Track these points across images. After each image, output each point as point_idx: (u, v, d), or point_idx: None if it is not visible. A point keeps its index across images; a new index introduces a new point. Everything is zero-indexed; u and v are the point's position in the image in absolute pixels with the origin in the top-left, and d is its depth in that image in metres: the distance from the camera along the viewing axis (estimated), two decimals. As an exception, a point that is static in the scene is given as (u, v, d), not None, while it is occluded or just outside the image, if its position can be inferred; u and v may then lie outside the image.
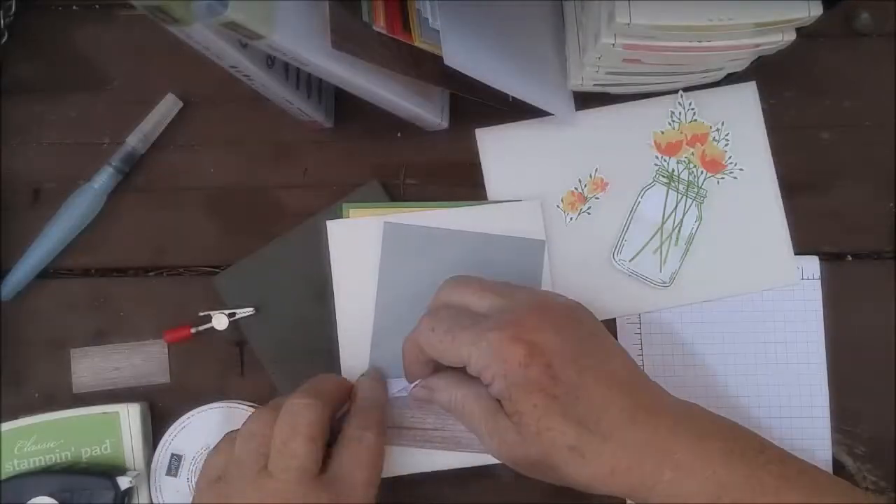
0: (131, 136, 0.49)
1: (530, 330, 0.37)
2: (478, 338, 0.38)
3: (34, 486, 0.43)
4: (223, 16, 0.31)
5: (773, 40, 0.41)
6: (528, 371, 0.36)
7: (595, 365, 0.37)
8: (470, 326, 0.38)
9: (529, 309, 0.39)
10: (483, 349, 0.37)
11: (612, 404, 0.37)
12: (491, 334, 0.37)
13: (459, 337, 0.38)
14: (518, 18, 0.48)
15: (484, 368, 0.38)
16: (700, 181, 0.50)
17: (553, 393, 0.36)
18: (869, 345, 0.49)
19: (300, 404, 0.39)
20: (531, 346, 0.36)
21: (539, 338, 0.37)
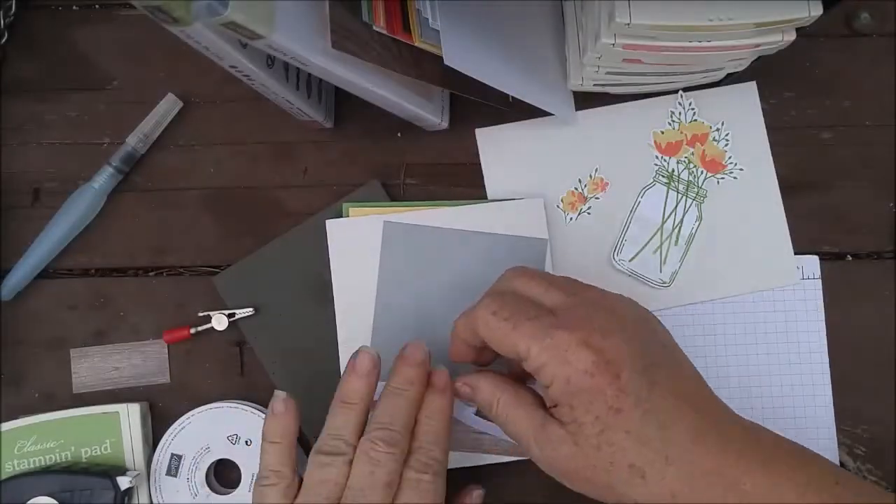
0: (131, 136, 0.49)
1: (600, 334, 0.34)
2: (542, 333, 0.35)
3: (34, 486, 0.43)
4: (223, 16, 0.31)
5: (773, 40, 0.41)
6: (594, 380, 0.34)
7: (664, 379, 0.35)
8: (535, 318, 0.36)
9: (600, 311, 0.36)
10: (546, 346, 0.35)
11: (678, 422, 0.34)
12: (557, 332, 0.35)
13: (521, 327, 0.36)
14: (518, 18, 0.48)
15: (543, 367, 0.35)
16: (700, 181, 0.50)
17: (618, 406, 0.33)
18: (869, 345, 0.49)
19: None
20: (600, 352, 0.34)
21: (608, 344, 0.34)
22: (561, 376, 0.34)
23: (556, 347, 0.34)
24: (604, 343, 0.34)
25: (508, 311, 0.37)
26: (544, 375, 0.35)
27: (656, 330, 0.37)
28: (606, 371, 0.34)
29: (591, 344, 0.34)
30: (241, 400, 0.48)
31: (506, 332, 0.36)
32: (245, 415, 0.47)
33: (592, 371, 0.34)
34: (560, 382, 0.34)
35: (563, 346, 0.34)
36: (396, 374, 0.40)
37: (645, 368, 0.34)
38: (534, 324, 0.36)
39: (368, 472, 0.37)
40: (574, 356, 0.34)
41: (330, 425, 0.39)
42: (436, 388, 0.40)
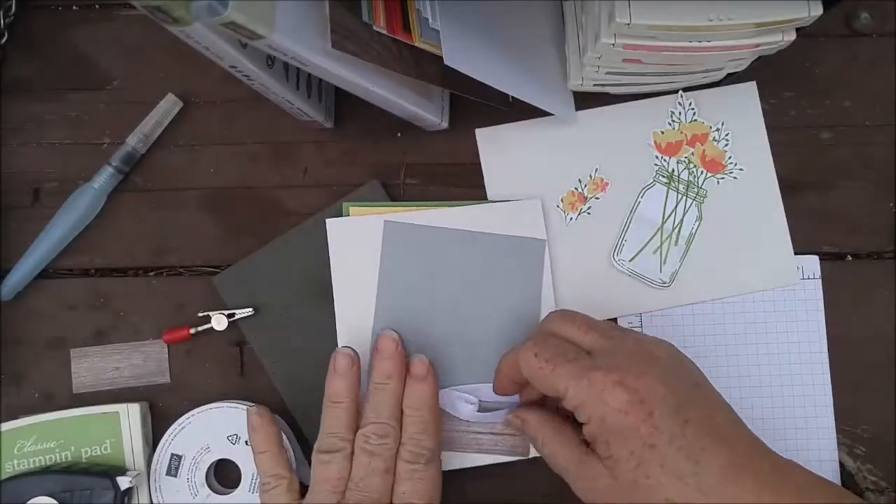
0: (131, 136, 0.49)
1: (634, 375, 0.36)
2: (580, 374, 0.37)
3: (34, 486, 0.43)
4: (223, 16, 0.31)
5: (773, 40, 0.41)
6: (627, 418, 0.35)
7: (697, 417, 0.36)
8: (574, 360, 0.38)
9: (635, 354, 0.38)
10: (583, 387, 0.37)
11: (712, 459, 0.35)
12: (594, 373, 0.37)
13: (561, 368, 0.38)
14: (518, 18, 0.48)
15: (580, 406, 0.37)
16: (700, 181, 0.50)
17: (652, 442, 0.35)
18: (869, 345, 0.49)
19: None
20: (634, 392, 0.36)
21: (643, 384, 0.36)
22: (597, 415, 0.36)
23: (593, 387, 0.36)
24: (637, 383, 0.36)
25: (549, 353, 0.39)
26: (582, 414, 0.37)
27: (690, 371, 0.39)
28: (640, 409, 0.35)
29: (625, 384, 0.36)
30: (241, 400, 0.48)
31: (546, 373, 0.38)
32: (245, 415, 0.47)
33: (626, 409, 0.35)
34: (596, 420, 0.36)
35: (599, 386, 0.36)
36: (374, 370, 0.44)
37: (678, 406, 0.36)
38: (573, 365, 0.38)
39: (366, 463, 0.41)
40: (609, 395, 0.36)
41: (324, 425, 0.43)
42: (416, 378, 0.44)
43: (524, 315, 0.48)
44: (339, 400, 0.43)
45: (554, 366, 0.38)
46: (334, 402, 0.43)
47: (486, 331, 0.47)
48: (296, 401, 0.48)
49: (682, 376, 0.38)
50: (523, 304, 0.48)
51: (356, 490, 0.41)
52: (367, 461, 0.41)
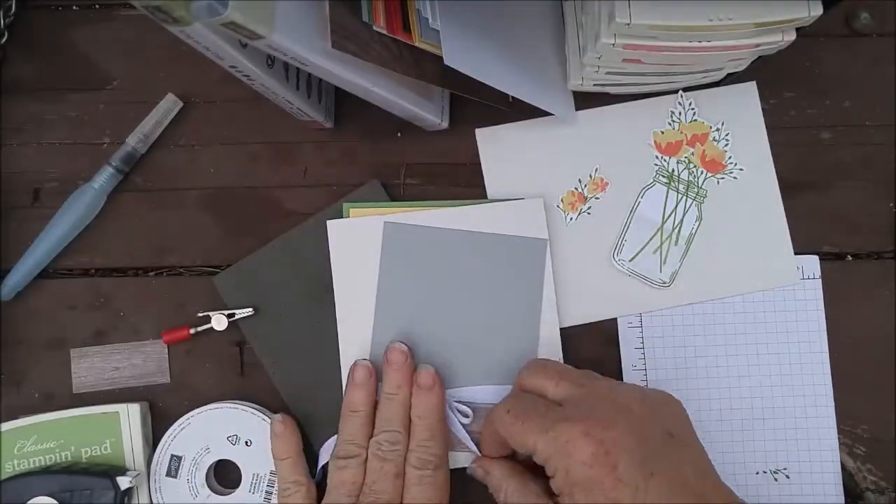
0: (131, 136, 0.49)
1: (601, 426, 0.36)
2: (547, 427, 0.37)
3: (34, 486, 0.43)
4: (223, 16, 0.31)
5: (773, 40, 0.41)
6: (591, 471, 0.35)
7: (664, 468, 0.35)
8: (543, 415, 0.38)
9: (605, 402, 0.38)
10: (549, 440, 0.37)
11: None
12: (560, 425, 0.37)
13: (529, 423, 0.38)
14: (518, 18, 0.48)
15: (547, 459, 0.37)
16: (700, 181, 0.50)
17: (615, 497, 0.35)
18: (869, 345, 0.49)
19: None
20: (599, 444, 0.35)
21: (609, 436, 0.35)
22: (562, 467, 0.36)
23: (558, 440, 0.36)
24: (603, 434, 0.36)
25: (520, 409, 0.40)
26: (549, 468, 0.37)
27: (664, 420, 0.38)
28: (605, 461, 0.35)
29: (591, 435, 0.36)
30: (241, 400, 0.48)
31: (516, 429, 0.39)
32: (245, 415, 0.47)
33: (591, 462, 0.35)
34: (562, 473, 0.36)
35: (565, 438, 0.36)
36: (386, 381, 0.45)
37: (644, 459, 0.35)
38: (541, 419, 0.38)
39: (379, 468, 0.42)
40: (574, 448, 0.36)
41: (342, 432, 0.44)
42: (423, 387, 0.44)
43: (525, 315, 0.48)
44: (357, 409, 0.44)
45: (522, 422, 0.39)
46: (352, 412, 0.44)
47: (486, 331, 0.47)
48: (296, 401, 0.48)
49: (652, 425, 0.37)
50: (524, 304, 0.48)
51: (369, 493, 0.42)
52: (379, 466, 0.42)
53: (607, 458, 0.35)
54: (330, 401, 0.47)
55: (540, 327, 0.48)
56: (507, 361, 0.47)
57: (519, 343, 0.47)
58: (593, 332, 0.49)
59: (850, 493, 0.48)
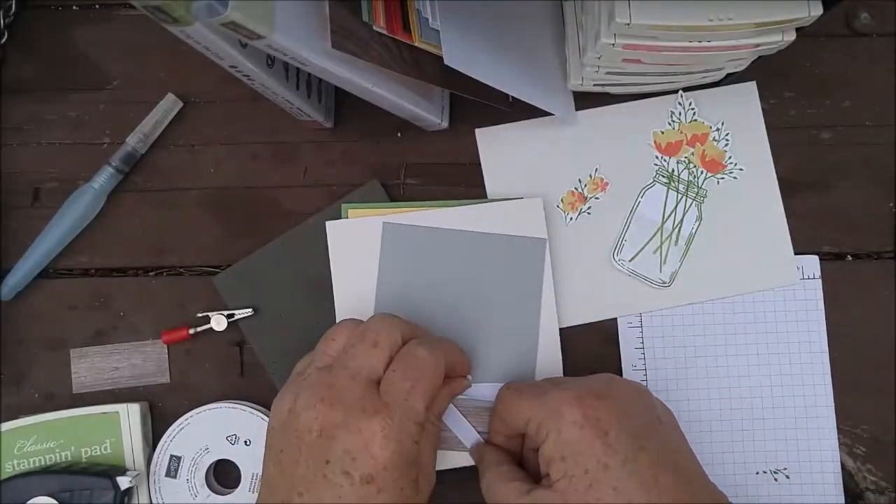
0: (131, 136, 0.49)
1: (594, 396, 0.37)
2: (540, 395, 0.39)
3: (34, 486, 0.43)
4: (223, 16, 0.31)
5: (773, 40, 0.41)
6: (583, 432, 0.36)
7: (654, 446, 0.36)
8: (540, 387, 0.40)
9: (603, 381, 0.39)
10: (544, 404, 0.38)
11: (666, 493, 0.35)
12: (553, 391, 0.38)
13: (525, 395, 0.40)
14: (518, 18, 0.48)
15: (539, 425, 0.38)
16: (700, 181, 0.50)
17: (606, 462, 0.35)
18: (869, 345, 0.49)
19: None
20: (591, 409, 0.36)
21: (600, 405, 0.36)
22: (553, 429, 0.37)
23: (551, 402, 0.37)
24: (596, 403, 0.37)
25: (519, 385, 0.42)
26: (540, 432, 0.38)
27: (654, 406, 0.39)
28: (596, 426, 0.36)
29: (583, 401, 0.37)
30: (241, 400, 0.48)
31: (513, 400, 0.40)
32: (244, 415, 0.47)
33: (582, 423, 0.36)
34: (553, 435, 0.37)
35: (557, 401, 0.37)
36: None
37: (635, 433, 0.36)
38: (537, 390, 0.40)
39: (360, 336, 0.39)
40: (567, 409, 0.37)
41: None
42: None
43: (524, 315, 0.48)
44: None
45: (520, 392, 0.40)
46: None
47: (485, 331, 0.47)
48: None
49: (644, 408, 0.38)
50: (523, 304, 0.48)
51: (347, 357, 0.38)
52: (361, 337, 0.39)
53: (598, 423, 0.36)
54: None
55: (539, 327, 0.48)
56: (507, 361, 0.47)
57: (518, 342, 0.47)
58: (593, 332, 0.49)
59: (850, 493, 0.48)
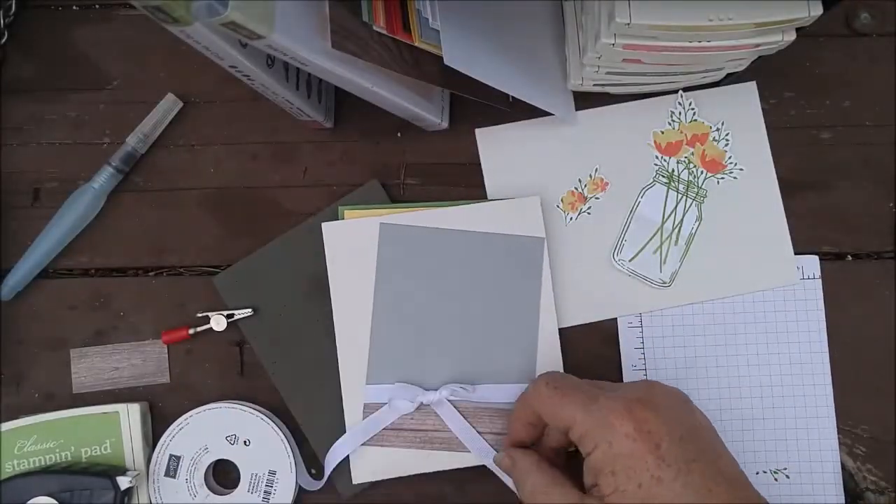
0: (131, 136, 0.49)
1: (642, 406, 0.36)
2: (588, 401, 0.38)
3: (34, 486, 0.43)
4: (223, 16, 0.31)
5: (773, 40, 0.41)
6: (636, 444, 0.35)
7: (703, 456, 0.36)
8: (586, 391, 0.39)
9: (645, 388, 0.39)
10: (591, 412, 0.37)
11: (724, 491, 0.35)
12: (602, 400, 0.37)
13: (570, 396, 0.39)
14: (518, 18, 0.48)
15: (587, 433, 0.37)
16: (700, 181, 0.50)
17: (659, 475, 0.35)
18: (869, 345, 0.49)
19: None
20: (642, 420, 0.36)
21: (651, 415, 0.36)
22: (604, 440, 0.36)
23: (600, 412, 0.37)
24: (645, 413, 0.36)
25: (561, 382, 0.40)
26: (588, 442, 0.37)
27: (695, 414, 0.39)
28: (648, 439, 0.35)
29: (633, 412, 0.36)
30: (241, 400, 0.48)
31: (555, 400, 0.39)
32: (244, 415, 0.47)
33: (634, 436, 0.36)
34: (603, 446, 0.36)
35: (607, 411, 0.37)
36: None
37: (684, 444, 0.36)
38: (583, 394, 0.39)
39: None
40: (617, 420, 0.36)
41: None
42: None
43: (523, 314, 0.48)
44: None
45: (563, 393, 0.39)
46: None
47: (484, 331, 0.47)
48: (296, 401, 0.48)
49: (690, 415, 0.38)
50: (522, 302, 0.48)
51: None
52: None
53: (650, 436, 0.35)
54: (329, 401, 0.47)
55: (539, 327, 0.48)
56: (507, 361, 0.47)
57: (518, 342, 0.47)
58: (593, 332, 0.49)
59: (850, 493, 0.48)
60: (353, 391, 0.46)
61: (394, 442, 0.46)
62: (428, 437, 0.46)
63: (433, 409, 0.46)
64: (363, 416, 0.46)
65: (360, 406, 0.46)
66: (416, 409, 0.46)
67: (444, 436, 0.46)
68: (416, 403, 0.46)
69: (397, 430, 0.46)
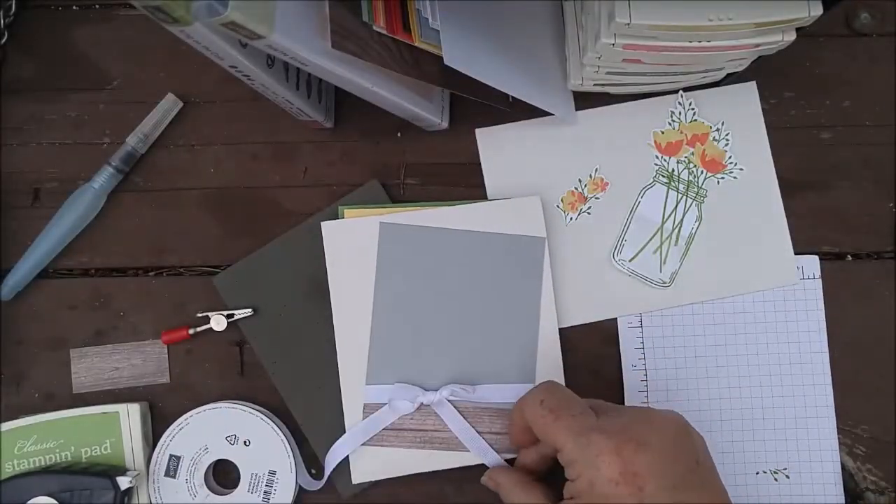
0: (131, 136, 0.49)
1: (634, 445, 0.36)
2: (580, 431, 0.37)
3: (34, 486, 0.43)
4: (223, 16, 0.31)
5: (773, 40, 0.41)
6: (616, 489, 0.35)
7: (690, 497, 0.36)
8: (577, 417, 0.38)
9: (640, 422, 0.37)
10: (580, 446, 0.36)
11: None
12: (593, 435, 0.36)
13: (562, 421, 0.38)
14: (518, 18, 0.48)
15: (573, 462, 0.37)
16: (700, 181, 0.50)
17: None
18: (869, 345, 0.49)
19: None
20: (628, 464, 0.35)
21: (639, 458, 0.35)
22: (587, 477, 0.36)
23: (589, 448, 0.36)
24: (635, 456, 0.35)
25: (554, 403, 0.39)
26: (572, 471, 0.37)
27: (694, 446, 0.38)
28: (632, 483, 0.35)
29: (622, 454, 0.35)
30: (241, 400, 0.48)
31: (548, 422, 0.39)
32: (244, 415, 0.47)
33: (618, 481, 0.35)
34: (585, 483, 0.36)
35: (596, 450, 0.36)
36: None
37: (673, 486, 0.35)
38: (575, 420, 0.38)
39: None
40: (603, 462, 0.35)
41: None
42: None
43: (523, 313, 0.48)
44: None
45: (556, 417, 0.38)
46: None
47: (485, 331, 0.47)
48: (296, 401, 0.48)
49: (684, 453, 0.37)
50: (523, 302, 0.48)
51: None
52: None
53: (635, 479, 0.35)
54: (329, 401, 0.47)
55: (539, 327, 0.48)
56: (507, 361, 0.47)
57: (518, 342, 0.47)
58: (593, 332, 0.49)
59: (850, 493, 0.48)
60: (353, 391, 0.46)
61: (394, 442, 0.46)
62: (428, 437, 0.46)
63: (433, 409, 0.46)
64: (363, 416, 0.46)
65: (360, 406, 0.46)
66: (416, 410, 0.46)
67: (444, 436, 0.46)
68: (416, 404, 0.46)
69: (397, 430, 0.46)
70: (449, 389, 0.46)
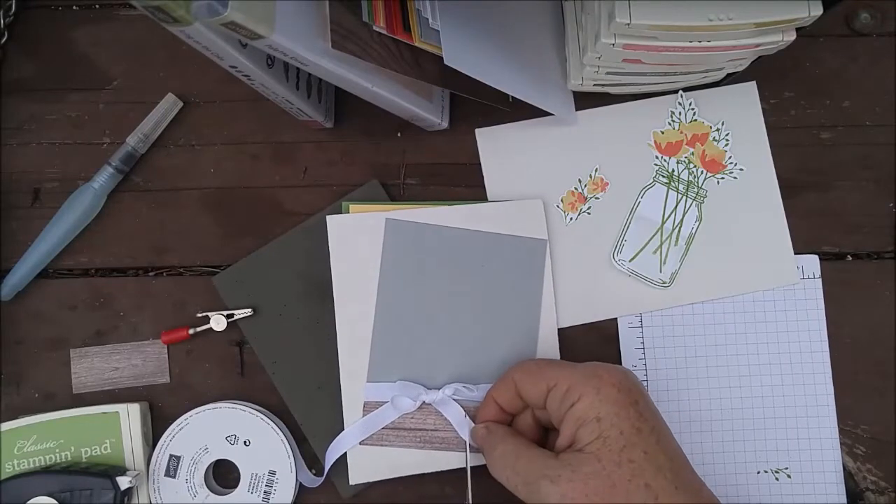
0: (131, 136, 0.49)
1: (619, 373, 0.40)
2: (568, 365, 0.41)
3: (34, 486, 0.43)
4: (223, 16, 0.31)
5: (773, 40, 0.41)
6: (620, 395, 0.38)
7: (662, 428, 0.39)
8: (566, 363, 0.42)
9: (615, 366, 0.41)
10: (577, 369, 0.40)
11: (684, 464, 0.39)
12: (582, 365, 0.41)
13: (553, 363, 0.42)
14: (518, 18, 0.48)
15: (571, 387, 0.39)
16: (700, 181, 0.50)
17: (639, 426, 0.38)
18: (869, 345, 0.49)
19: None
20: (622, 380, 0.39)
21: (623, 379, 0.39)
22: (592, 388, 0.39)
23: (586, 368, 0.40)
24: (623, 376, 0.40)
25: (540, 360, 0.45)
26: (573, 394, 0.39)
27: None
28: (629, 395, 0.39)
29: (614, 370, 0.40)
30: (241, 400, 0.48)
31: (540, 366, 0.42)
32: (243, 415, 0.47)
33: (619, 387, 0.39)
34: (590, 395, 0.39)
35: (593, 367, 0.40)
36: None
37: (653, 410, 0.40)
38: (562, 363, 0.42)
39: None
40: (605, 372, 0.39)
41: None
42: None
43: (524, 315, 0.48)
44: None
45: (547, 363, 0.42)
46: None
47: (485, 331, 0.47)
48: (296, 401, 0.48)
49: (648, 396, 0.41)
50: (523, 304, 0.48)
51: None
52: None
53: (630, 393, 0.39)
54: (329, 401, 0.47)
55: (539, 327, 0.48)
56: (507, 361, 0.47)
57: (518, 342, 0.47)
58: (593, 332, 0.49)
59: (850, 493, 0.48)
60: (354, 389, 0.46)
61: (393, 441, 0.46)
62: (428, 436, 0.46)
63: (435, 407, 0.46)
64: (363, 415, 0.46)
65: (360, 405, 0.46)
66: (417, 409, 0.46)
67: (444, 435, 0.46)
68: (418, 402, 0.46)
69: (397, 429, 0.46)
70: (452, 388, 0.46)
